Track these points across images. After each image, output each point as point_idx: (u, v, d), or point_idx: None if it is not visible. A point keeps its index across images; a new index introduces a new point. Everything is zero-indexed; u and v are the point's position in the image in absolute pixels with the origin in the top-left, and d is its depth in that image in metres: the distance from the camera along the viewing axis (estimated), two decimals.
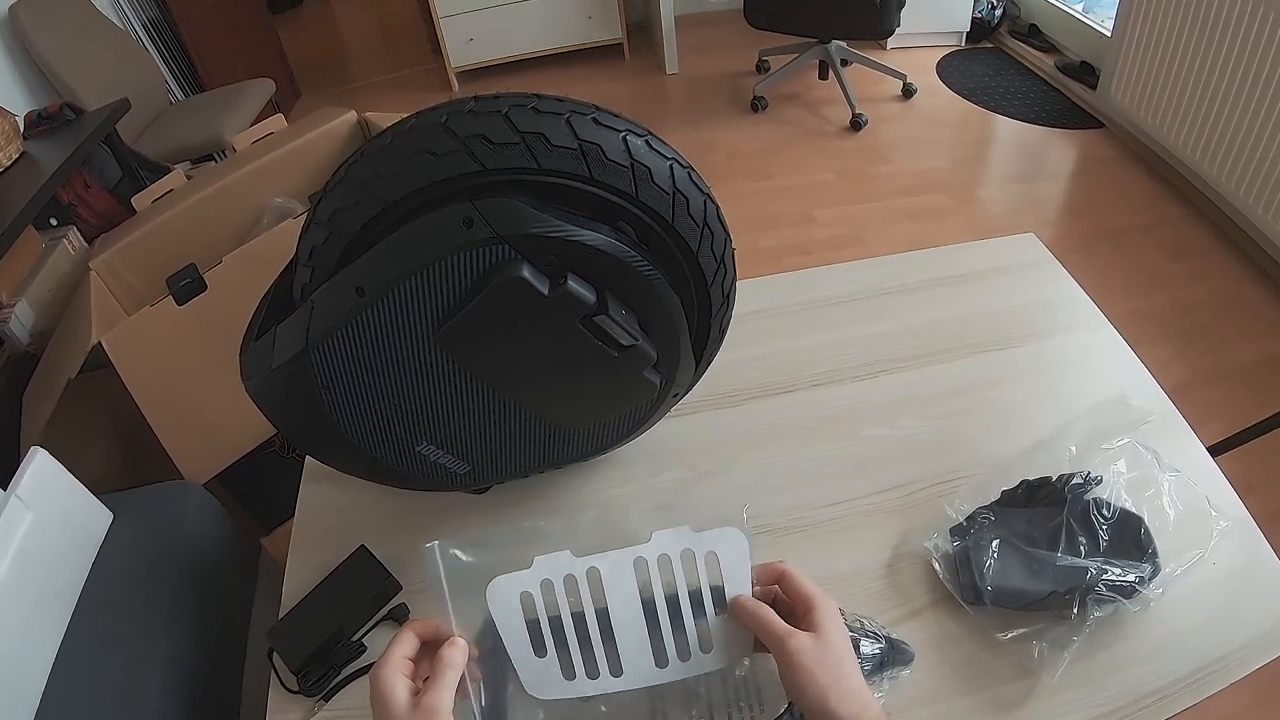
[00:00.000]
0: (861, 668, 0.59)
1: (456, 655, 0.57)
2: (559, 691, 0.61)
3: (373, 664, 0.74)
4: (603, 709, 0.68)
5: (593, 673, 0.61)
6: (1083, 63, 3.21)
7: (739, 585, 0.62)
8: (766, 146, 3.05)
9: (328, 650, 0.76)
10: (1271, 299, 2.19)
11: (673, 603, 0.61)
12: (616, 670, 0.62)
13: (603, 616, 0.61)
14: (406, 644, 0.58)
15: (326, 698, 0.74)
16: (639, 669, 0.62)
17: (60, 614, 0.93)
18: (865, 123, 3.12)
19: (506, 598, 0.60)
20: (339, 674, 0.76)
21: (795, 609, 0.60)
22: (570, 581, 0.60)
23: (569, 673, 0.61)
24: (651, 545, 0.60)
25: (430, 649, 0.59)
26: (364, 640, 0.78)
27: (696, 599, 0.61)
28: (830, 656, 0.55)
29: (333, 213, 0.64)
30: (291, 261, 0.74)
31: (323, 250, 0.65)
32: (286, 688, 0.75)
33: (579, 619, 0.60)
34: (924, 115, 3.21)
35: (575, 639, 0.61)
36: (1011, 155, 2.99)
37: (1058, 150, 2.94)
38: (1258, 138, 2.14)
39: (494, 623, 0.60)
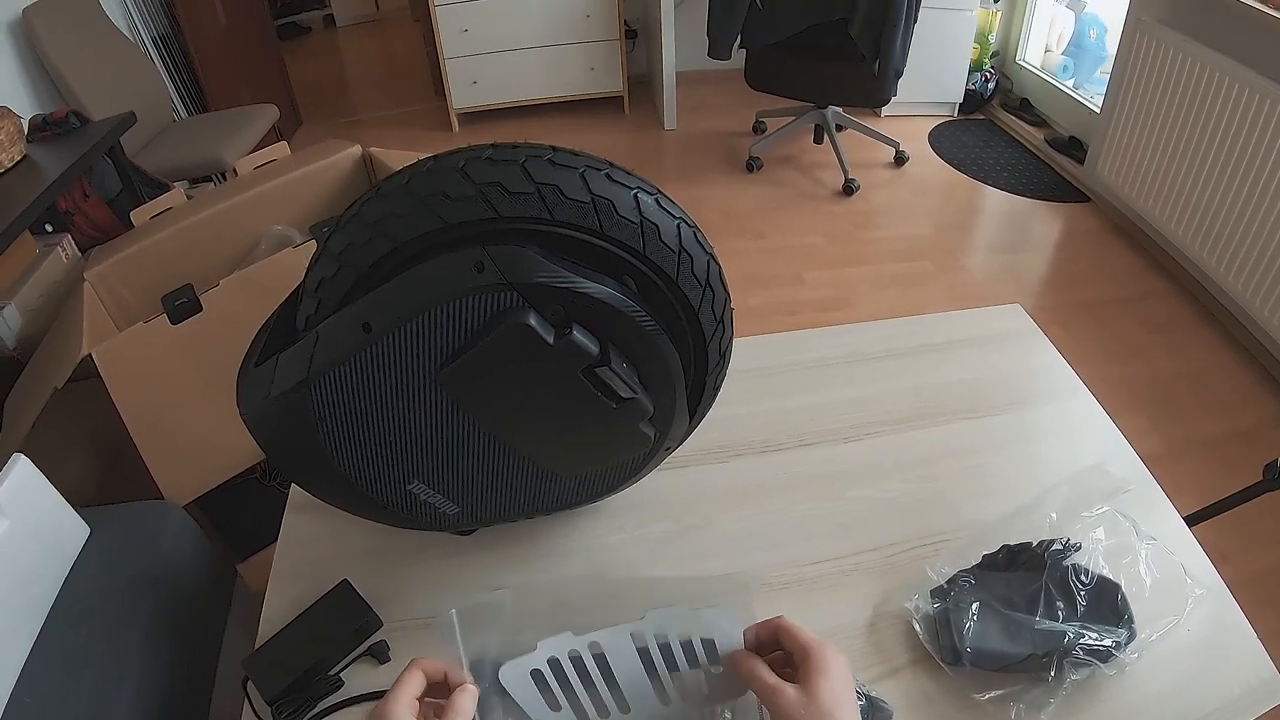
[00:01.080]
0: None
1: (467, 703, 0.58)
2: None
3: (354, 700, 0.75)
4: None
5: (602, 712, 0.64)
6: (1071, 137, 3.29)
7: (733, 644, 0.63)
8: (759, 206, 3.10)
9: (305, 682, 0.75)
10: (1247, 373, 2.24)
11: (668, 653, 0.63)
12: (624, 709, 0.64)
13: (603, 663, 0.62)
14: (415, 684, 0.58)
15: None
16: (645, 710, 0.64)
17: (29, 628, 0.91)
18: (857, 188, 3.18)
19: (518, 679, 0.61)
20: (315, 707, 0.75)
21: (793, 660, 0.61)
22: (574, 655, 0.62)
23: (583, 717, 0.63)
24: (646, 623, 0.62)
25: (429, 689, 0.60)
26: (342, 675, 0.78)
27: (692, 654, 0.63)
28: (816, 710, 0.56)
29: (344, 247, 0.64)
30: (295, 291, 0.74)
31: (331, 283, 0.66)
32: (260, 718, 0.74)
33: (583, 671, 0.62)
34: (915, 183, 3.27)
35: (584, 691, 0.63)
36: (998, 225, 3.05)
37: (1043, 222, 3.01)
38: (1239, 217, 2.20)
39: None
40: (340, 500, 0.77)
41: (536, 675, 0.61)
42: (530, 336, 0.60)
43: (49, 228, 1.97)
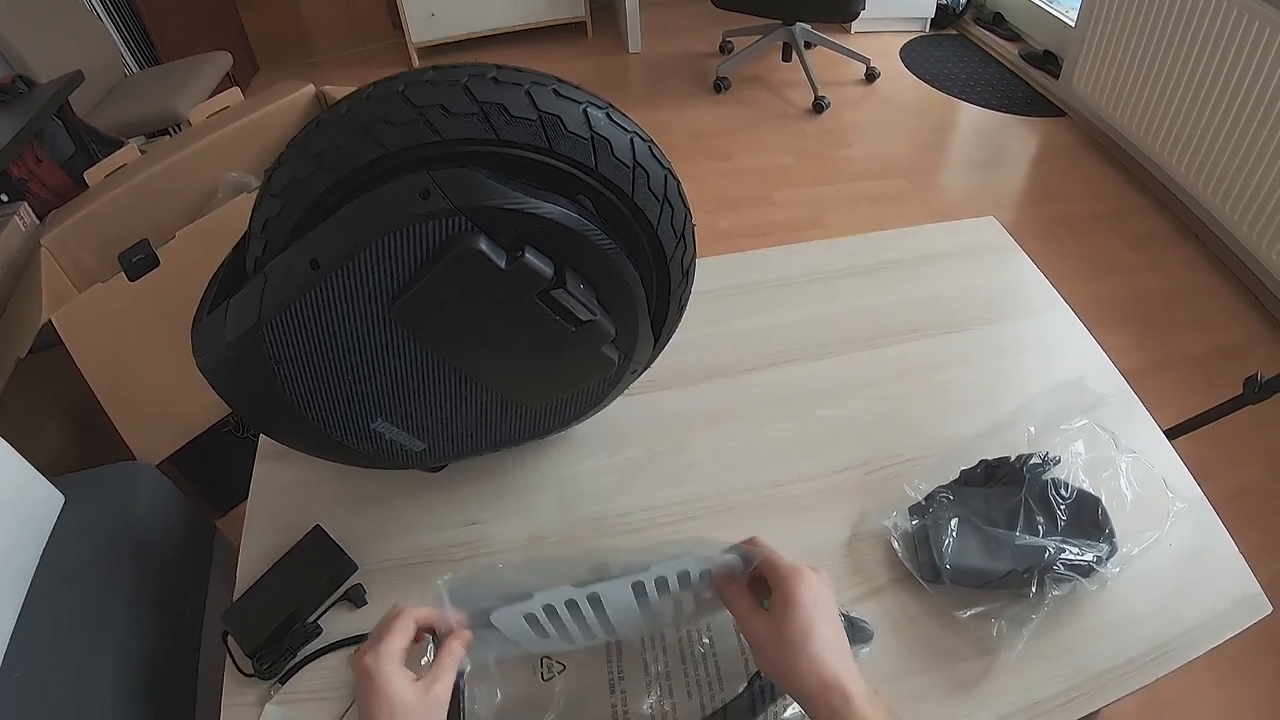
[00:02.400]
0: None
1: (459, 648, 0.58)
2: (556, 648, 0.66)
3: (333, 646, 0.74)
4: (559, 689, 0.68)
5: (588, 636, 0.64)
6: (1046, 52, 3.24)
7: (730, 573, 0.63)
8: (728, 127, 3.05)
9: (283, 632, 0.75)
10: (1226, 289, 2.24)
11: (662, 583, 0.62)
12: (610, 633, 0.65)
13: (597, 605, 0.62)
14: (404, 635, 0.56)
15: (283, 680, 0.73)
16: (630, 630, 0.66)
17: (11, 602, 0.90)
18: (827, 106, 3.12)
19: (512, 624, 0.61)
20: (295, 656, 0.74)
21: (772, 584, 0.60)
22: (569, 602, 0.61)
23: (569, 640, 0.64)
24: (650, 573, 0.61)
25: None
26: (320, 622, 0.77)
27: (684, 578, 0.62)
28: (783, 641, 0.55)
29: (286, 184, 0.62)
30: (245, 235, 0.72)
31: (276, 222, 0.63)
32: (242, 671, 0.74)
33: (575, 610, 0.62)
34: (886, 100, 3.22)
35: (574, 626, 0.63)
36: (973, 141, 3.01)
37: (1019, 138, 2.97)
38: (1217, 130, 2.17)
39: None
40: (306, 445, 0.76)
41: (530, 618, 0.61)
42: (481, 262, 0.57)
43: (4, 197, 1.91)
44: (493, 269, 0.58)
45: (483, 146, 0.58)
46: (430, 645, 0.61)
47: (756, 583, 0.62)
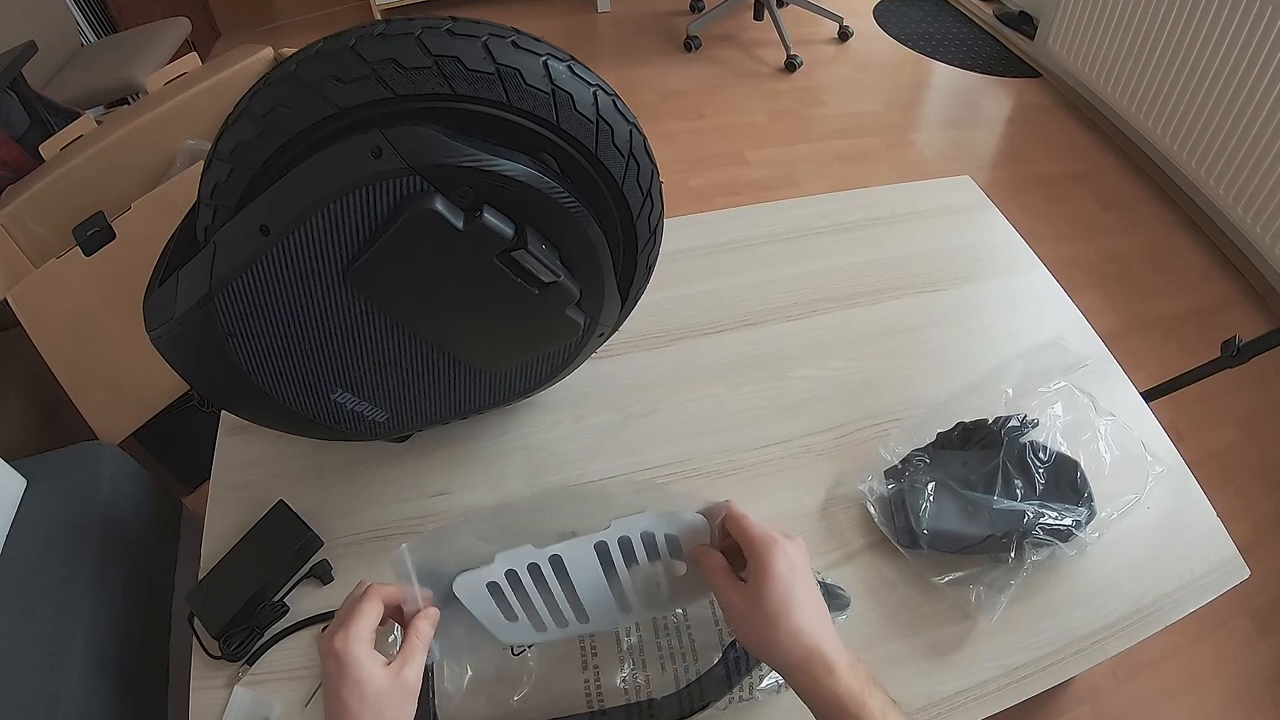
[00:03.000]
0: None
1: (428, 628, 0.56)
2: (529, 639, 0.63)
3: (300, 625, 0.73)
4: (531, 664, 0.66)
5: (560, 622, 0.62)
6: (1021, 12, 3.21)
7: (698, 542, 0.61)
8: (699, 86, 3.00)
9: (249, 612, 0.73)
10: (1201, 251, 2.24)
11: (628, 551, 0.60)
12: (583, 618, 0.62)
13: (561, 572, 0.60)
14: (373, 615, 0.54)
15: (250, 661, 0.72)
16: (603, 615, 0.62)
17: None
18: (800, 65, 3.09)
19: (474, 592, 0.59)
20: (262, 636, 0.73)
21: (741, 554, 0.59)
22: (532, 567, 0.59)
23: (539, 626, 0.61)
24: (612, 531, 0.59)
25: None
26: (286, 600, 0.75)
27: (650, 545, 0.60)
28: (761, 612, 0.54)
29: (234, 147, 0.59)
30: (196, 203, 0.69)
31: (225, 188, 0.61)
32: (209, 653, 0.72)
33: (539, 578, 0.60)
34: (860, 59, 3.18)
35: (540, 599, 0.60)
36: (946, 101, 2.99)
37: (993, 98, 2.95)
38: (1193, 93, 2.16)
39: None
40: (266, 418, 0.74)
41: (493, 588, 0.59)
42: (438, 223, 0.55)
43: None
44: (450, 230, 0.56)
45: (438, 102, 0.56)
46: (397, 625, 0.59)
47: (732, 552, 0.60)
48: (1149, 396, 0.96)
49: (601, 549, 0.59)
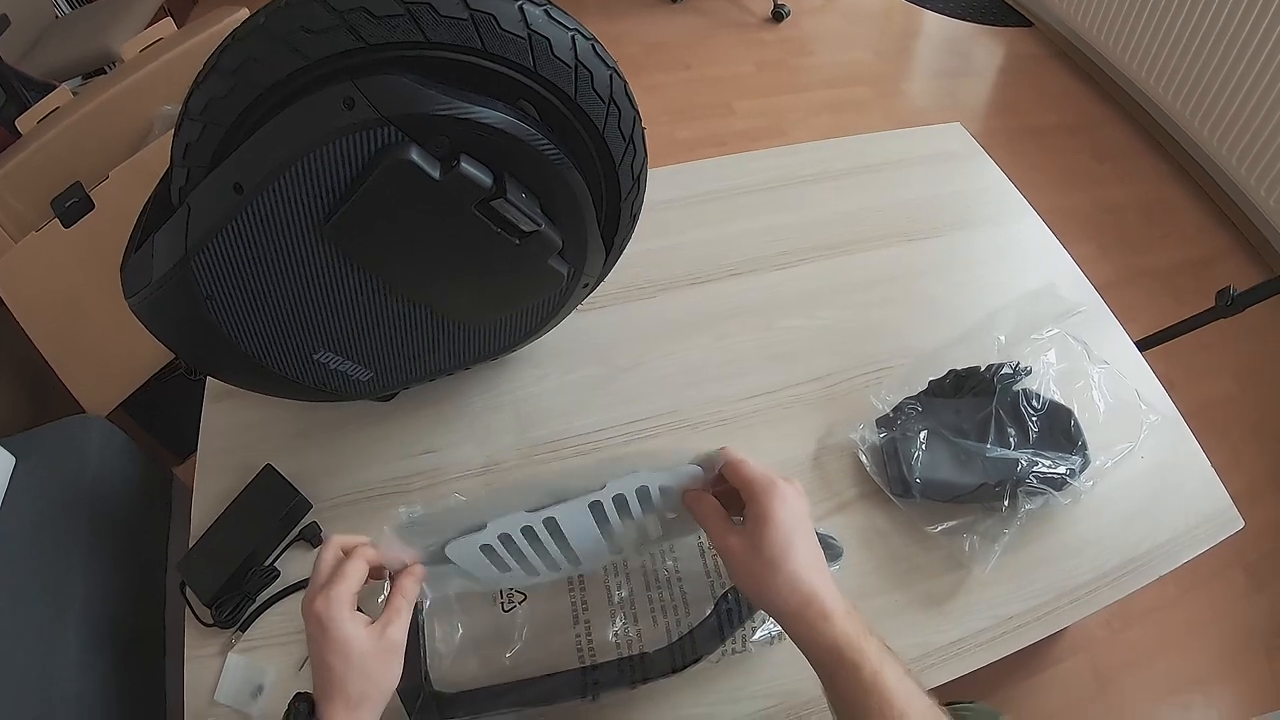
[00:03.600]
0: None
1: (412, 586, 0.56)
2: (521, 583, 0.63)
3: (291, 589, 0.72)
4: (522, 621, 0.66)
5: (552, 567, 0.62)
6: None
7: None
8: (685, 37, 2.96)
9: (240, 578, 0.73)
10: (1195, 203, 2.22)
11: (622, 506, 0.60)
12: (574, 562, 0.62)
13: (555, 530, 0.59)
14: (355, 578, 0.53)
15: (243, 628, 0.71)
16: (595, 559, 0.63)
17: None
18: (787, 14, 3.04)
19: (468, 556, 0.58)
20: (254, 602, 0.73)
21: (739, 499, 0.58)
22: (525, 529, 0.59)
23: (532, 572, 0.62)
24: (607, 490, 0.58)
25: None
26: (277, 565, 0.75)
27: (645, 497, 0.60)
28: (761, 558, 0.53)
29: (205, 104, 0.58)
30: (170, 166, 0.67)
31: (197, 147, 0.59)
32: (201, 621, 0.72)
33: (533, 538, 0.59)
34: (848, 8, 3.14)
35: (534, 555, 0.60)
36: (937, 50, 2.95)
37: (984, 47, 2.92)
38: (1187, 44, 2.14)
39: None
40: (250, 382, 0.73)
41: (487, 549, 0.58)
42: (414, 173, 0.54)
43: None
44: (427, 180, 0.54)
45: (411, 50, 0.54)
46: (386, 584, 0.59)
47: (727, 497, 0.59)
48: (1143, 346, 0.95)
49: (596, 508, 0.59)
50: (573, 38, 0.58)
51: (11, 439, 1.01)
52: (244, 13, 1.51)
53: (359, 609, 0.53)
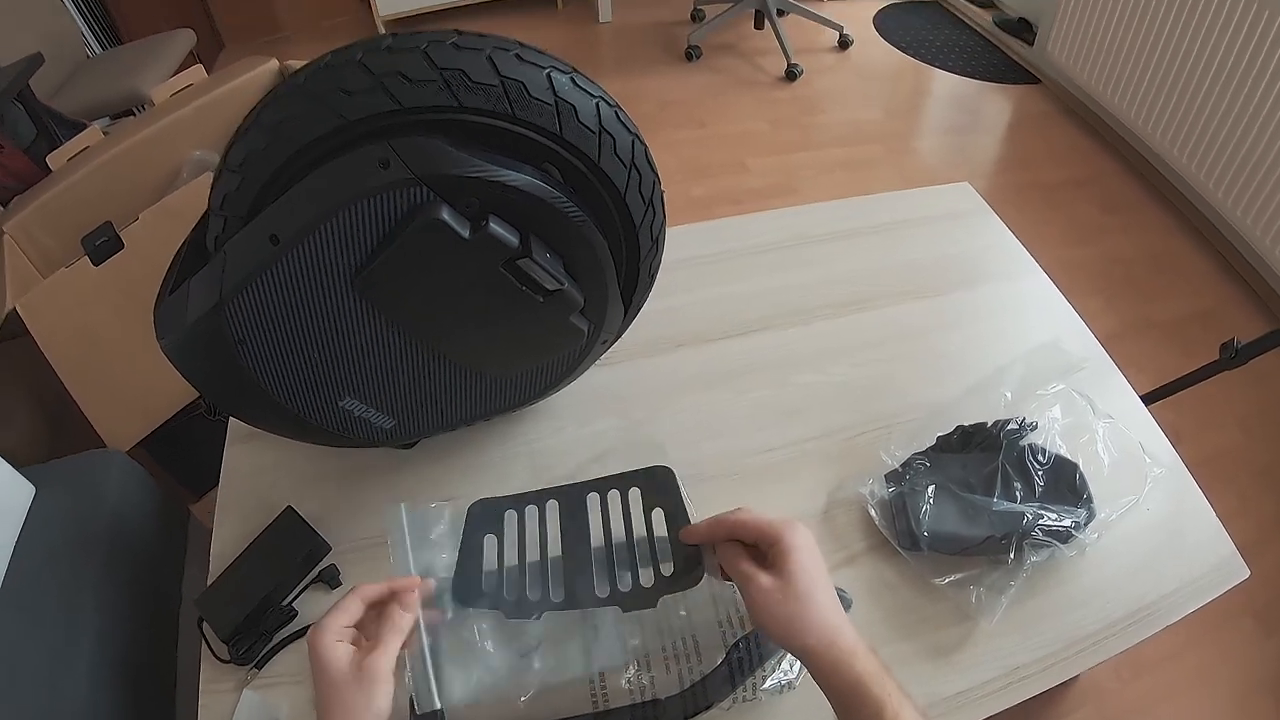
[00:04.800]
0: None
1: (403, 619, 0.58)
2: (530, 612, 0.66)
3: (308, 627, 0.73)
4: (536, 665, 0.67)
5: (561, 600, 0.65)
6: (1020, 19, 3.22)
7: (681, 518, 0.65)
8: (700, 95, 3.01)
9: (258, 617, 0.74)
10: (1201, 254, 2.24)
11: (621, 550, 0.64)
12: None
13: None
14: (347, 612, 0.57)
15: (259, 665, 0.72)
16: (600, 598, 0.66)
17: None
18: (800, 73, 3.10)
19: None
20: (270, 640, 0.74)
21: (760, 547, 0.60)
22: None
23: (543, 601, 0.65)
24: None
25: (377, 612, 0.59)
26: (294, 605, 0.76)
27: (645, 548, 0.64)
28: (792, 593, 0.55)
29: (244, 158, 0.60)
30: (206, 213, 0.70)
31: (235, 198, 0.62)
32: (218, 657, 0.73)
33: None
34: (860, 67, 3.19)
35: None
36: (946, 108, 3.00)
37: (993, 105, 2.96)
38: (1192, 96, 2.17)
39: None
40: (274, 425, 0.74)
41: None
42: (444, 232, 0.56)
43: None
44: (456, 239, 0.57)
45: (444, 114, 0.57)
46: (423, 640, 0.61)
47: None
48: (1149, 399, 0.96)
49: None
50: (597, 105, 0.61)
51: (33, 469, 1.02)
52: (273, 63, 1.55)
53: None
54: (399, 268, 0.58)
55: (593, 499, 0.72)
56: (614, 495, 0.71)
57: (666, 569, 0.65)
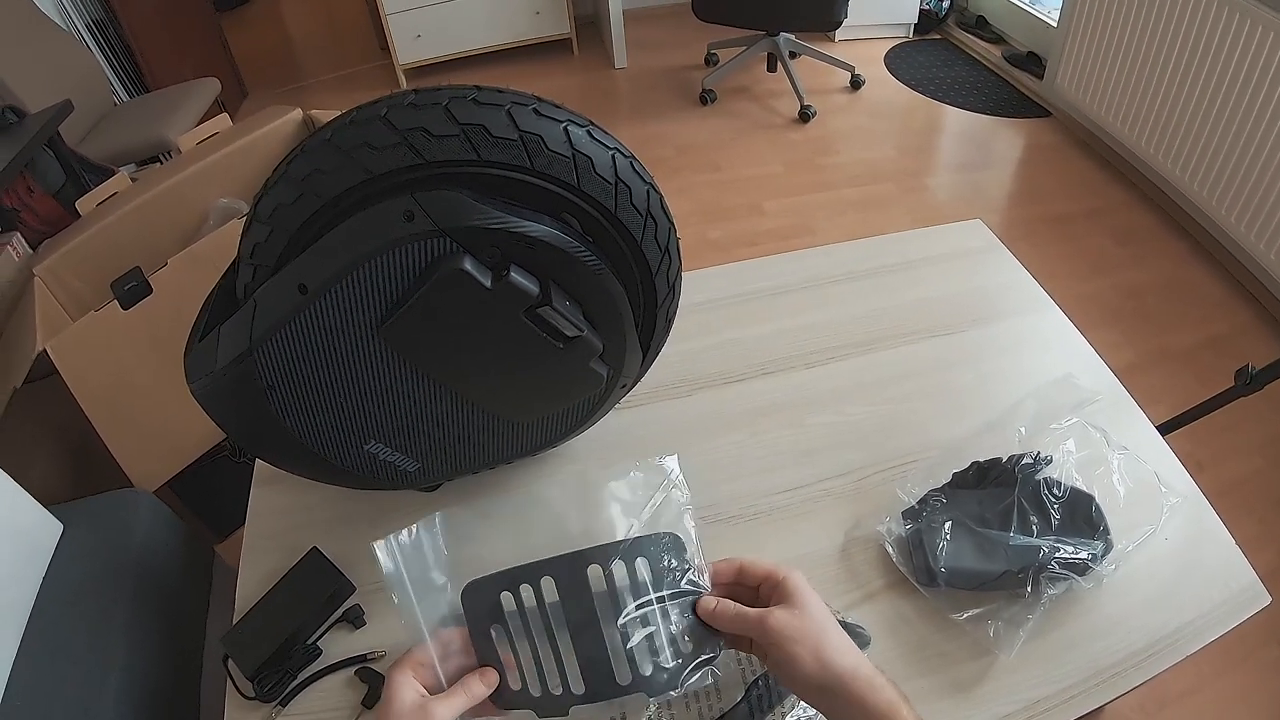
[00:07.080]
0: None
1: (478, 688, 0.59)
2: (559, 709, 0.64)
3: (331, 668, 0.75)
4: None
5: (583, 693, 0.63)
6: (1029, 53, 3.26)
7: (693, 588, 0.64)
8: (715, 139, 3.06)
9: (283, 655, 0.75)
10: (1215, 281, 2.24)
11: (634, 626, 0.62)
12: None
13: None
14: (429, 651, 0.60)
15: (283, 703, 0.73)
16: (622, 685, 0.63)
17: (12, 631, 0.90)
18: (813, 114, 3.14)
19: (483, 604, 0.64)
20: (295, 678, 0.75)
21: (762, 591, 0.61)
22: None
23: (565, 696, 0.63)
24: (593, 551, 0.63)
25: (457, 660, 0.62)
26: (319, 643, 0.77)
27: (656, 619, 0.62)
28: (811, 622, 0.56)
29: (273, 209, 0.63)
30: (235, 261, 0.72)
31: (264, 248, 0.64)
32: (242, 694, 0.74)
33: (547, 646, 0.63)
34: (872, 106, 3.23)
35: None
36: (958, 144, 3.02)
37: (1004, 139, 2.98)
38: (1201, 124, 2.19)
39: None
40: (301, 468, 0.76)
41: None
42: (467, 281, 0.58)
43: None
44: (479, 288, 0.59)
45: (466, 167, 0.59)
46: None
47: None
48: (1165, 429, 0.96)
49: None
50: (613, 156, 0.63)
51: (61, 507, 1.04)
52: (297, 112, 1.60)
53: None
54: (423, 316, 0.60)
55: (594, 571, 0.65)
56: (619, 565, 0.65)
57: (684, 644, 0.63)
